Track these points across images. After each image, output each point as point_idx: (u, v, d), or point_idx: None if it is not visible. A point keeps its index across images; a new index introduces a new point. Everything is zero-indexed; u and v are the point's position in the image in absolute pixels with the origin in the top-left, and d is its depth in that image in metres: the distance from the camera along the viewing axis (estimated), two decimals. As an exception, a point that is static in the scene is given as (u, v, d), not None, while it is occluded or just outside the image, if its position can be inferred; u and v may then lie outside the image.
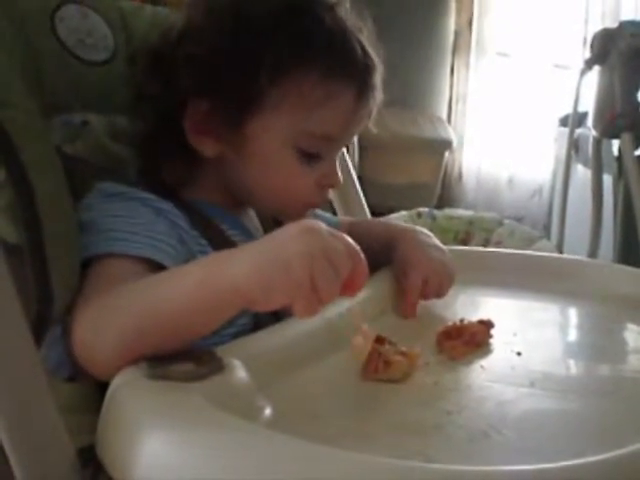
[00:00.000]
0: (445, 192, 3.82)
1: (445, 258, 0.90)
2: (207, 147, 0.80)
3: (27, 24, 0.80)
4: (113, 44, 0.90)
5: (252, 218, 0.90)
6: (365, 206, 1.27)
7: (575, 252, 2.47)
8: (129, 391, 0.55)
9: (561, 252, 2.39)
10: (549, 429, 0.60)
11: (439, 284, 0.88)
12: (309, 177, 0.81)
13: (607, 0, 3.26)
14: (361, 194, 1.28)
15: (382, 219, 1.25)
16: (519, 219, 3.24)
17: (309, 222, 0.61)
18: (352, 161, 1.47)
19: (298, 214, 0.83)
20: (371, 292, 0.82)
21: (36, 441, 0.56)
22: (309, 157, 0.80)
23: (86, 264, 0.69)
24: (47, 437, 0.57)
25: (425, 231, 0.96)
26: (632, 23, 2.09)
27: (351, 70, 0.79)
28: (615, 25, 2.79)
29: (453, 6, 3.84)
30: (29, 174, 0.66)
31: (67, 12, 0.86)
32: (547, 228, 3.40)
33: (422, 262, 0.89)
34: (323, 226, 0.59)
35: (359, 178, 1.32)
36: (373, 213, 1.31)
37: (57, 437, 0.58)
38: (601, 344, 0.83)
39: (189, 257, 0.75)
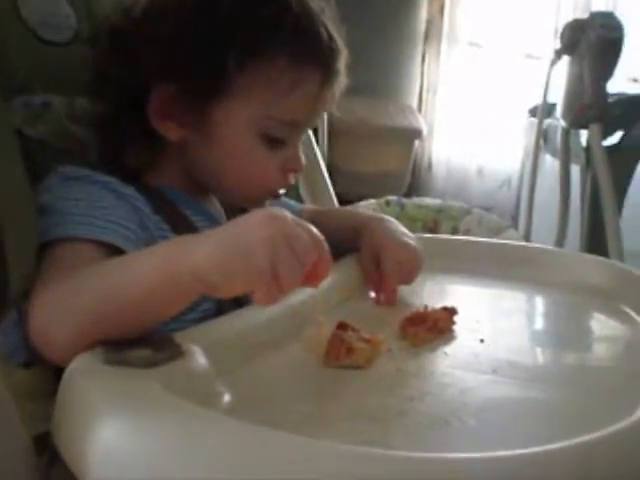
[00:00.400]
0: (414, 181, 3.82)
1: (415, 244, 0.90)
2: (171, 132, 0.79)
3: None
4: (76, 24, 0.88)
5: (216, 205, 0.89)
6: (332, 193, 1.26)
7: (542, 242, 2.48)
8: (84, 377, 0.54)
9: (528, 242, 2.40)
10: (510, 417, 0.59)
11: (410, 270, 0.88)
12: (273, 162, 0.80)
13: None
14: (328, 181, 1.27)
15: (348, 207, 1.25)
16: (487, 209, 3.25)
17: (274, 209, 0.60)
18: (321, 149, 1.46)
19: (261, 200, 0.83)
20: (336, 278, 0.82)
21: (-12, 428, 0.54)
22: (274, 142, 0.79)
23: (44, 248, 0.68)
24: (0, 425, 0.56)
25: (391, 219, 0.96)
26: (602, 14, 2.09)
27: (317, 56, 0.78)
28: (586, 16, 2.80)
29: (425, -5, 3.84)
30: None
31: None
32: (515, 219, 3.41)
33: (395, 248, 0.88)
34: (288, 214, 0.58)
35: (328, 166, 1.31)
36: (341, 201, 1.31)
37: (11, 424, 0.57)
38: (566, 333, 0.84)
39: (150, 242, 0.73)
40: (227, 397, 0.57)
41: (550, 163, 2.62)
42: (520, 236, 2.37)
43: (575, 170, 2.35)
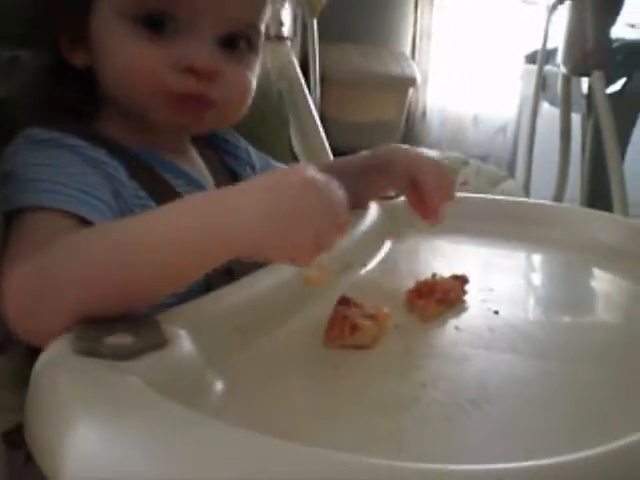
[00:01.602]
0: (409, 130, 3.75)
1: (440, 159, 0.86)
2: (76, 56, 0.74)
3: None
4: None
5: (194, 161, 0.81)
6: (327, 146, 1.20)
7: (540, 192, 2.44)
8: (56, 370, 0.47)
9: (527, 192, 2.35)
10: (534, 404, 0.53)
11: (448, 185, 0.83)
12: (154, 52, 0.68)
13: None
14: (323, 134, 1.21)
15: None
16: (483, 157, 3.21)
17: (307, 171, 0.55)
18: (314, 99, 1.39)
19: (164, 107, 0.71)
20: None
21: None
22: (153, 30, 0.69)
23: (8, 220, 0.61)
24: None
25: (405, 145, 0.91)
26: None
27: None
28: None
29: (417, -62, 3.73)
30: None
31: None
32: (511, 167, 3.37)
33: (429, 165, 0.83)
34: (320, 176, 0.55)
35: (321, 116, 1.25)
36: (334, 153, 1.25)
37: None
38: (583, 299, 0.79)
39: (126, 212, 0.66)
40: (218, 387, 0.51)
41: (548, 111, 2.57)
42: (519, 187, 2.31)
43: (575, 118, 2.29)
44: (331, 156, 1.21)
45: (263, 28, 0.76)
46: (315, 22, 2.38)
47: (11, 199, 0.61)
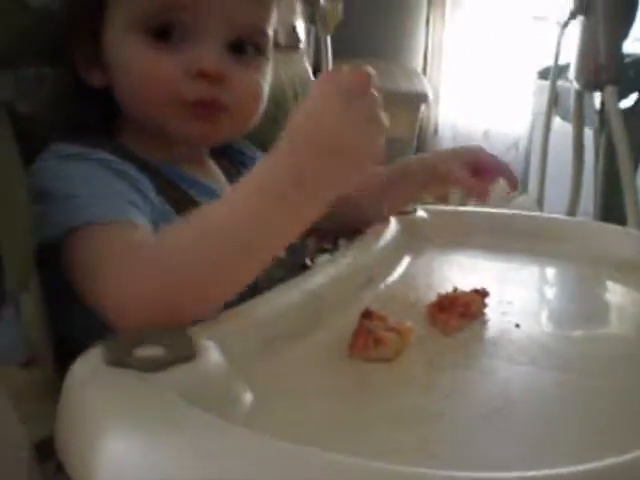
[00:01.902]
0: (420, 146, 3.76)
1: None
2: (93, 77, 0.76)
3: None
4: None
5: (215, 176, 0.82)
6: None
7: (553, 206, 2.44)
8: (87, 382, 0.48)
9: (541, 207, 2.36)
10: (554, 413, 0.54)
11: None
12: (167, 62, 0.70)
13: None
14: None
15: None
16: (495, 173, 3.20)
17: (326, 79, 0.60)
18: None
19: (179, 116, 0.73)
20: (357, 257, 0.76)
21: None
22: (162, 40, 0.71)
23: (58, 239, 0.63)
24: (-2, 431, 0.51)
25: None
26: (619, -28, 2.02)
27: None
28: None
29: (429, -45, 3.75)
30: None
31: None
32: (524, 182, 3.36)
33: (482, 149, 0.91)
34: (342, 77, 0.60)
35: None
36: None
37: (9, 429, 0.52)
38: (599, 312, 0.80)
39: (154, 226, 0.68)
40: (246, 398, 0.52)
41: (560, 126, 2.57)
42: (533, 201, 2.32)
43: (587, 133, 2.30)
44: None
45: (271, 32, 0.78)
46: (329, 38, 2.39)
47: (56, 221, 0.63)
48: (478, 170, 0.89)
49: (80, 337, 0.59)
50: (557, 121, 2.58)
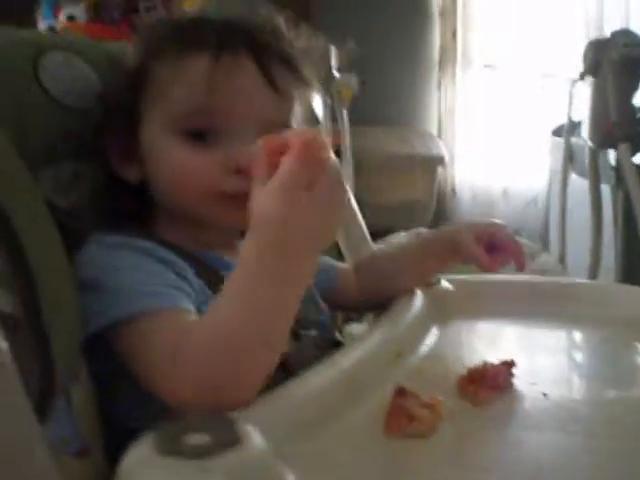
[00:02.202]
0: (440, 208, 3.79)
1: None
2: (129, 173, 0.81)
3: (10, 73, 0.77)
4: (101, 89, 0.86)
5: None
6: (365, 229, 1.24)
7: (576, 263, 2.45)
8: (140, 472, 0.51)
9: (564, 264, 2.37)
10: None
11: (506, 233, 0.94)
12: (204, 159, 0.77)
13: (591, 8, 3.25)
14: (360, 216, 1.24)
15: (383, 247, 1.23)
16: (515, 230, 3.22)
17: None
18: (348, 184, 1.43)
19: (218, 208, 0.78)
20: (385, 333, 0.79)
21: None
22: (199, 139, 0.77)
23: (110, 328, 0.67)
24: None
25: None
26: (624, 33, 2.07)
27: (202, 41, 0.77)
28: (600, 33, 2.78)
29: (437, 21, 3.84)
30: (22, 238, 0.61)
31: (51, 59, 0.83)
32: (544, 238, 3.38)
33: (499, 226, 0.95)
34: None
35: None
36: (370, 234, 1.29)
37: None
38: (622, 373, 0.81)
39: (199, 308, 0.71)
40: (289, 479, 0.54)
41: (577, 182, 2.59)
42: (555, 260, 2.33)
43: (604, 189, 2.32)
44: (369, 237, 1.25)
45: (295, 123, 0.83)
46: (345, 111, 2.46)
47: (105, 311, 0.67)
48: (493, 246, 0.92)
49: (128, 425, 0.62)
50: (574, 177, 2.60)
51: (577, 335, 0.97)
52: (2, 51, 0.78)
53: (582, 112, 2.31)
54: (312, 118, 1.26)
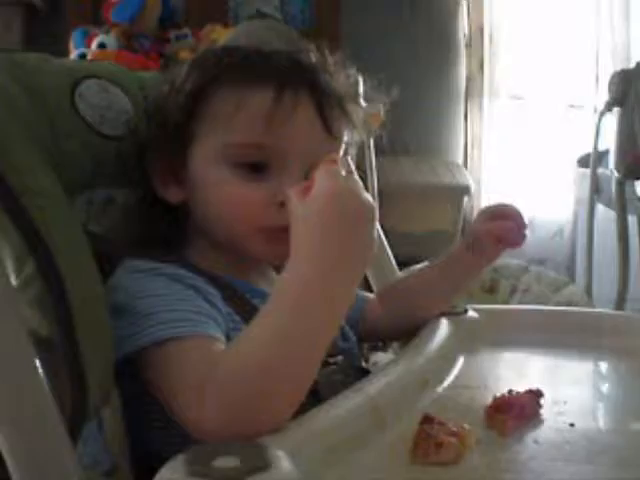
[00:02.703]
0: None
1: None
2: (172, 195, 0.82)
3: (47, 101, 0.79)
4: (135, 116, 0.88)
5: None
6: (391, 257, 1.24)
7: (602, 295, 2.44)
8: (171, 493, 0.52)
9: (590, 296, 2.36)
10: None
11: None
12: (255, 192, 0.78)
13: (617, 38, 3.26)
14: (387, 245, 1.25)
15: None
16: (541, 261, 3.21)
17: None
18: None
19: (262, 240, 0.80)
20: (412, 361, 0.79)
21: None
22: (250, 171, 0.78)
23: (140, 354, 0.68)
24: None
25: None
26: (650, 63, 2.08)
27: (266, 74, 0.78)
28: (626, 63, 2.79)
29: (464, 52, 3.86)
30: (58, 263, 0.63)
31: (87, 87, 0.85)
32: (570, 269, 3.36)
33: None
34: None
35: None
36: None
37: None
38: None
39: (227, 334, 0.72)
40: (317, 506, 0.55)
41: (603, 212, 2.59)
42: (582, 291, 2.32)
43: (631, 220, 2.31)
44: (395, 264, 1.25)
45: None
46: (372, 141, 2.47)
47: (136, 337, 0.68)
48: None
49: (157, 449, 0.63)
50: (600, 207, 2.60)
51: (603, 366, 0.97)
52: (40, 78, 0.79)
53: (608, 142, 2.31)
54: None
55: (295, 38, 0.86)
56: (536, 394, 0.74)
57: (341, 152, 0.84)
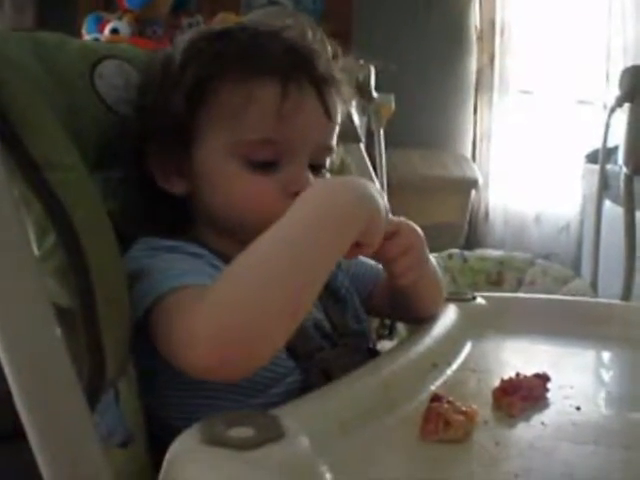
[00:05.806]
0: (472, 231, 3.80)
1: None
2: (175, 186, 0.83)
3: (67, 80, 0.80)
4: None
5: None
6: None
7: (608, 289, 2.44)
8: (186, 460, 0.53)
9: (596, 291, 2.36)
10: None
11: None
12: (267, 185, 0.79)
13: (628, 34, 3.26)
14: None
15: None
16: (547, 256, 3.22)
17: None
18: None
19: None
20: (422, 344, 0.81)
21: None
22: (261, 165, 0.79)
23: (147, 315, 0.68)
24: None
25: None
26: (662, 59, 2.08)
27: (269, 68, 0.78)
28: (637, 59, 2.78)
29: (475, 46, 3.86)
30: (81, 238, 0.64)
31: (106, 68, 0.86)
32: (576, 264, 3.37)
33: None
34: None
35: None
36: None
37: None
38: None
39: None
40: (328, 476, 0.56)
41: (611, 208, 2.59)
42: (587, 285, 2.33)
43: (638, 216, 2.31)
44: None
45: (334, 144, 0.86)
46: (382, 130, 2.48)
47: (150, 291, 0.69)
48: None
49: (172, 424, 0.64)
50: (608, 204, 2.60)
51: (608, 354, 0.98)
52: (62, 58, 0.80)
53: (617, 138, 2.30)
54: (355, 137, 1.29)
55: (308, 25, 0.85)
56: (543, 378, 0.75)
57: (336, 132, 0.85)
